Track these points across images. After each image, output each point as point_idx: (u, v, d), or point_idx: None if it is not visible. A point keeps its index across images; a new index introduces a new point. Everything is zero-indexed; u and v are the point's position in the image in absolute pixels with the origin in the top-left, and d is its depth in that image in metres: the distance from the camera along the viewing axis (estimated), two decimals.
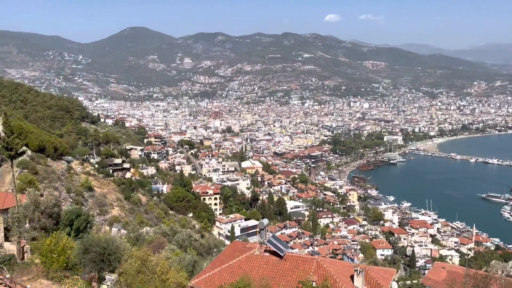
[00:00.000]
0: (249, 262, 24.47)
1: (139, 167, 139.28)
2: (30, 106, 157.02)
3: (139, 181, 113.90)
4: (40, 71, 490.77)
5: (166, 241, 47.73)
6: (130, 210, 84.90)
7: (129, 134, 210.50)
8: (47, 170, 78.74)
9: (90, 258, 23.62)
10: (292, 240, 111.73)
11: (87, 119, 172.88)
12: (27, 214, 35.09)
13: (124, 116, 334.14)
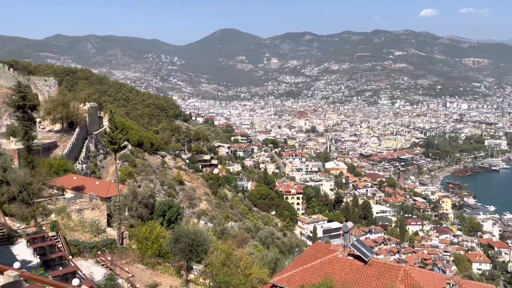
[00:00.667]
0: (331, 264, 24.01)
1: (226, 164, 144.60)
2: (131, 104, 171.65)
3: (226, 177, 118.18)
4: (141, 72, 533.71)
5: (249, 237, 48.91)
6: (216, 204, 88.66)
7: (217, 132, 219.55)
8: (144, 164, 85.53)
9: (180, 248, 25.07)
10: (377, 246, 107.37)
11: (180, 117, 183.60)
12: (127, 203, 38.35)
13: (214, 114, 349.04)
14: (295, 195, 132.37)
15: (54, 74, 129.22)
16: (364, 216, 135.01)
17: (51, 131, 66.71)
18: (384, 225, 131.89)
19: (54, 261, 22.59)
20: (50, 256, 22.98)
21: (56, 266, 22.10)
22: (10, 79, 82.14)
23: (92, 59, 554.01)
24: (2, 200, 32.56)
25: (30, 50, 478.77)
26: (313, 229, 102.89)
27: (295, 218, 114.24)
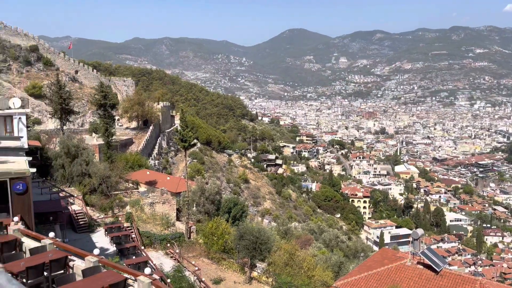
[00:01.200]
0: (399, 272, 22.99)
1: (291, 164, 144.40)
2: (201, 104, 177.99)
3: (290, 177, 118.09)
4: (210, 73, 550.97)
5: (313, 239, 48.41)
6: (280, 204, 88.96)
7: (283, 132, 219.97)
8: (212, 161, 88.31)
9: (244, 245, 25.51)
10: (450, 256, 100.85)
11: (246, 116, 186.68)
12: (195, 199, 39.82)
13: (279, 114, 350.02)
14: (362, 199, 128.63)
15: (132, 75, 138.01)
16: (436, 224, 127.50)
17: (128, 129, 71.30)
18: (458, 234, 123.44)
19: (128, 250, 24.15)
20: (125, 245, 24.59)
21: (130, 255, 23.60)
22: (94, 79, 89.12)
23: (166, 60, 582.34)
24: (84, 191, 35.40)
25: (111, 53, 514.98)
26: (380, 234, 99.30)
27: (361, 222, 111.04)
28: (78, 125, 71.89)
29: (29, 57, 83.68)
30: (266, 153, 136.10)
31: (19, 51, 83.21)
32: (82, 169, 37.12)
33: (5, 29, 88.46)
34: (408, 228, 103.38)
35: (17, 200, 14.19)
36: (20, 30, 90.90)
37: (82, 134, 58.85)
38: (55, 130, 57.37)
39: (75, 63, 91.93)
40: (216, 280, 25.01)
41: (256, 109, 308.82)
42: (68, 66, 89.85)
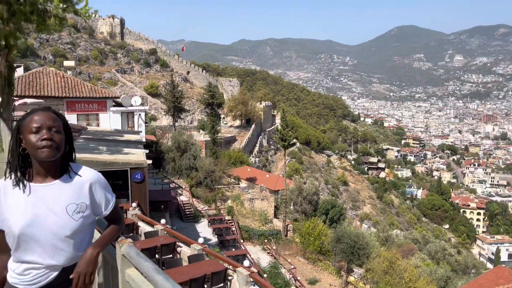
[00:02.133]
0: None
1: (394, 168, 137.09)
2: (301, 103, 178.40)
3: (393, 182, 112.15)
4: (312, 73, 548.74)
5: (416, 249, 45.45)
6: (381, 209, 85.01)
7: (386, 134, 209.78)
8: (310, 161, 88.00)
9: (342, 248, 25.00)
10: None
11: (348, 117, 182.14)
12: (292, 198, 40.19)
13: (383, 115, 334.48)
14: (475, 210, 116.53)
15: (237, 75, 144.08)
16: None
17: (231, 127, 74.65)
18: None
19: (228, 242, 25.35)
20: (225, 237, 25.86)
21: (230, 247, 24.74)
22: (203, 79, 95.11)
23: (270, 61, 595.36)
24: (191, 184, 38.02)
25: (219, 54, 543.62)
26: (496, 251, 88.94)
27: (473, 236, 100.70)
28: (188, 122, 77.51)
29: (149, 59, 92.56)
30: (368, 156, 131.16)
31: (141, 54, 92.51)
32: (190, 163, 39.94)
33: (130, 34, 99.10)
34: None
35: (135, 188, 15.86)
36: (142, 35, 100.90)
37: (191, 131, 63.33)
38: (168, 126, 62.63)
39: (187, 64, 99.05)
40: (311, 280, 24.92)
41: (358, 110, 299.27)
42: (181, 67, 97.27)
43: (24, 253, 1.83)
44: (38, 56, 78.14)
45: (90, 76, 76.97)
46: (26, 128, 1.81)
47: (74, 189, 1.88)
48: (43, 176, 1.88)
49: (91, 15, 18.10)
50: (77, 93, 28.92)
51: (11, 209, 1.83)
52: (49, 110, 1.89)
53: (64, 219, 1.84)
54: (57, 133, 1.82)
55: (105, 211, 1.99)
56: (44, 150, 1.77)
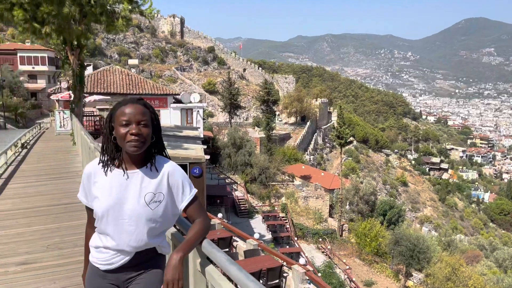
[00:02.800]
0: None
1: (459, 169, 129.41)
2: (359, 100, 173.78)
3: (457, 184, 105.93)
4: (371, 69, 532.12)
5: (482, 255, 42.67)
6: (443, 212, 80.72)
7: (450, 133, 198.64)
8: (367, 160, 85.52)
9: (400, 251, 24.04)
10: None
11: (408, 115, 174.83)
12: (348, 197, 39.29)
13: (448, 113, 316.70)
14: None
15: (293, 72, 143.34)
16: None
17: (286, 124, 74.45)
18: None
19: (282, 239, 25.33)
20: (279, 234, 25.87)
21: (284, 244, 24.71)
22: (259, 77, 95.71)
23: (326, 57, 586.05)
24: (246, 180, 38.46)
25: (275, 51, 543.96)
26: None
27: None
28: (243, 119, 78.41)
29: (207, 57, 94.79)
30: (430, 156, 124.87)
31: (199, 52, 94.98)
32: (245, 159, 40.41)
33: (190, 33, 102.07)
34: None
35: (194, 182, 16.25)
36: (201, 33, 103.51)
37: (246, 127, 64.01)
38: (224, 123, 63.77)
39: (244, 62, 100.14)
40: (367, 282, 24.24)
41: (420, 107, 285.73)
42: (237, 64, 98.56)
43: (103, 233, 1.96)
44: (105, 55, 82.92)
45: (151, 74, 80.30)
46: (116, 119, 1.92)
47: (154, 179, 1.96)
48: (129, 164, 1.98)
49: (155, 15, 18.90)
50: (140, 90, 30.26)
51: (99, 190, 1.95)
52: (139, 103, 1.96)
53: (141, 206, 1.92)
54: (145, 127, 1.90)
55: (182, 203, 2.04)
56: (131, 144, 1.87)
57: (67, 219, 5.74)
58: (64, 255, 4.41)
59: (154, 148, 2.02)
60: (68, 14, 15.25)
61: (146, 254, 2.02)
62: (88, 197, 2.04)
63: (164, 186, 1.98)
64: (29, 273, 3.98)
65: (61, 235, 5.06)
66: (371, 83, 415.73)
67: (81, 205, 6.22)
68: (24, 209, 6.35)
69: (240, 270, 1.66)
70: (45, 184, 8.19)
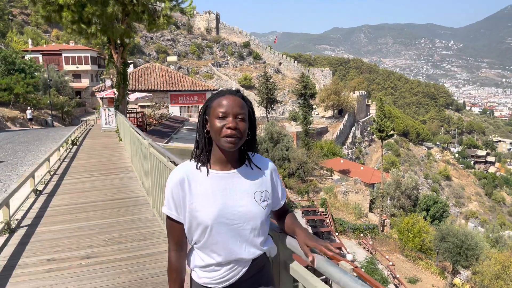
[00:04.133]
0: None
1: (506, 162, 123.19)
2: (398, 92, 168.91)
3: (505, 178, 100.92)
4: (411, 59, 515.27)
5: None
6: (490, 208, 77.26)
7: (497, 124, 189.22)
8: (408, 154, 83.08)
9: (446, 248, 23.20)
10: None
11: (451, 106, 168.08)
12: (389, 192, 38.33)
13: (494, 104, 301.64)
14: None
15: (329, 64, 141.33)
16: None
17: (323, 117, 73.53)
18: None
19: (322, 234, 25.12)
20: (319, 229, 25.68)
21: (324, 239, 24.45)
22: (295, 70, 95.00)
23: (364, 48, 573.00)
24: (284, 174, 38.38)
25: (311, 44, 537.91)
26: None
27: None
28: (279, 113, 78.15)
29: (242, 52, 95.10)
30: (475, 148, 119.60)
31: (235, 47, 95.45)
32: (282, 153, 40.33)
33: (225, 28, 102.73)
34: None
35: None
36: (236, 28, 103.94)
37: (282, 122, 63.79)
38: (261, 118, 63.82)
39: (279, 56, 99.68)
40: (411, 279, 23.61)
41: (463, 98, 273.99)
42: (273, 59, 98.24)
43: (214, 246, 1.70)
44: (143, 53, 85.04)
45: (188, 70, 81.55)
46: (212, 111, 1.73)
47: (257, 177, 1.79)
48: (224, 163, 1.77)
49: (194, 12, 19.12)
50: (180, 87, 30.81)
51: (198, 198, 1.70)
52: (238, 95, 1.78)
53: (254, 207, 1.73)
54: (242, 121, 1.71)
55: (282, 200, 1.90)
56: (227, 139, 1.67)
57: (123, 214, 5.91)
58: (124, 250, 4.53)
59: (248, 146, 1.82)
60: (111, 14, 15.70)
61: (261, 260, 1.81)
62: (180, 210, 1.73)
63: (268, 183, 1.82)
64: (93, 267, 4.10)
65: (119, 229, 5.21)
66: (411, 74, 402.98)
67: (135, 199, 6.42)
68: (81, 204, 6.59)
69: (343, 272, 1.48)
70: (98, 180, 8.48)
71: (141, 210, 6.08)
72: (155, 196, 5.34)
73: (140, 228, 5.23)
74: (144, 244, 4.66)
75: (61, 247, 4.67)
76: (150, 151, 5.23)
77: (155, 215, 5.58)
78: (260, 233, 1.75)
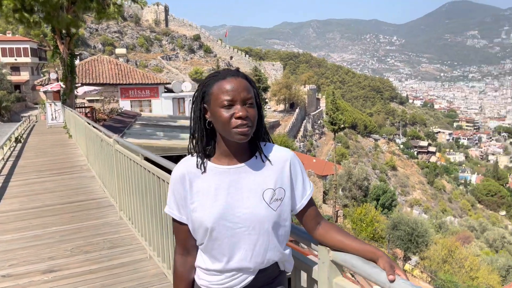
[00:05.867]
0: None
1: (446, 152, 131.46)
2: (346, 86, 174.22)
3: (445, 166, 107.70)
4: (357, 54, 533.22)
5: (472, 236, 43.44)
6: (432, 195, 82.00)
7: (437, 116, 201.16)
8: (357, 146, 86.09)
9: (398, 236, 24.20)
10: None
11: (395, 99, 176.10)
12: (341, 183, 39.43)
13: (433, 97, 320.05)
14: None
15: (279, 59, 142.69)
16: None
17: (275, 111, 74.20)
18: None
19: None
20: None
21: None
22: (246, 64, 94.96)
23: (312, 43, 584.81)
24: None
25: (261, 38, 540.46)
26: None
27: None
28: None
29: (193, 46, 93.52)
30: (417, 139, 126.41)
31: (185, 40, 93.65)
32: None
33: (174, 20, 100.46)
34: None
35: None
36: (186, 21, 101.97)
37: None
38: None
39: (230, 49, 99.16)
40: None
41: (406, 92, 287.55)
42: (224, 52, 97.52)
43: (214, 251, 1.50)
44: (88, 45, 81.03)
45: (136, 64, 78.90)
46: (214, 99, 1.42)
47: (269, 172, 1.50)
48: (229, 157, 1.50)
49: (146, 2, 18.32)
50: (130, 80, 29.61)
51: (199, 197, 1.49)
52: (240, 75, 1.48)
53: (262, 208, 1.46)
54: (251, 107, 1.43)
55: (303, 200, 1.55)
56: (239, 130, 1.39)
57: (85, 219, 5.37)
58: (92, 260, 4.05)
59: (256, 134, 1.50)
60: (57, 1, 14.63)
61: (272, 272, 1.54)
62: (182, 209, 1.52)
63: (283, 179, 1.49)
64: (58, 283, 3.61)
65: (83, 236, 4.69)
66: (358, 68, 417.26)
67: (97, 202, 5.90)
68: (34, 209, 5.95)
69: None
70: (50, 180, 7.78)
71: (105, 213, 5.56)
72: (122, 197, 4.89)
73: (107, 234, 4.73)
74: (115, 252, 4.19)
75: (17, 260, 4.11)
76: (116, 148, 4.77)
77: (122, 218, 5.12)
78: (272, 238, 1.50)
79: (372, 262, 1.45)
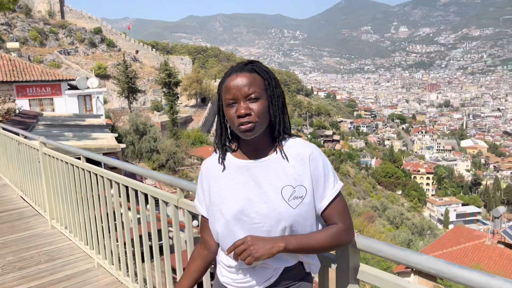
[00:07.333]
0: (477, 251, 22.14)
1: (349, 140, 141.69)
2: None
3: (348, 153, 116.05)
4: (264, 48, 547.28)
5: (376, 216, 47.61)
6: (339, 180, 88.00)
7: (339, 106, 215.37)
8: None
9: None
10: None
11: (302, 92, 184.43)
12: None
13: (335, 89, 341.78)
14: (424, 175, 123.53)
15: (188, 53, 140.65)
16: (507, 202, 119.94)
17: (186, 106, 73.27)
18: None
19: None
20: None
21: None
22: (153, 58, 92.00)
23: (220, 37, 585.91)
24: (153, 167, 37.19)
25: (167, 32, 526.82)
26: (445, 212, 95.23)
27: (424, 199, 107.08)
28: (140, 104, 74.99)
29: (94, 39, 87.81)
30: (323, 129, 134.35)
31: (85, 34, 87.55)
32: (150, 145, 38.94)
33: (71, 12, 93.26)
34: (476, 205, 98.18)
35: None
36: (84, 13, 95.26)
37: (145, 112, 61.43)
38: (120, 109, 60.33)
39: (135, 43, 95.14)
40: None
41: (311, 84, 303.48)
42: (129, 46, 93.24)
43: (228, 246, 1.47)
44: None
45: (30, 59, 71.87)
46: (222, 98, 1.47)
47: (289, 168, 1.44)
48: (251, 152, 1.48)
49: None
50: (28, 77, 26.95)
51: (221, 191, 1.48)
52: (246, 68, 1.44)
53: (280, 205, 1.39)
54: (255, 102, 1.39)
55: (323, 200, 1.44)
56: (242, 128, 1.38)
57: (9, 231, 4.81)
58: (30, 277, 3.65)
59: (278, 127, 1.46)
60: None
61: (296, 273, 1.47)
62: (204, 203, 1.55)
63: (306, 176, 1.42)
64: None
65: (12, 251, 4.21)
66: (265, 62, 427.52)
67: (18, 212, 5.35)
68: None
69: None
70: None
71: (31, 224, 5.05)
72: (55, 205, 4.49)
73: (40, 246, 4.31)
74: (56, 265, 3.84)
75: None
76: (44, 151, 4.35)
77: (55, 227, 4.70)
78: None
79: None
